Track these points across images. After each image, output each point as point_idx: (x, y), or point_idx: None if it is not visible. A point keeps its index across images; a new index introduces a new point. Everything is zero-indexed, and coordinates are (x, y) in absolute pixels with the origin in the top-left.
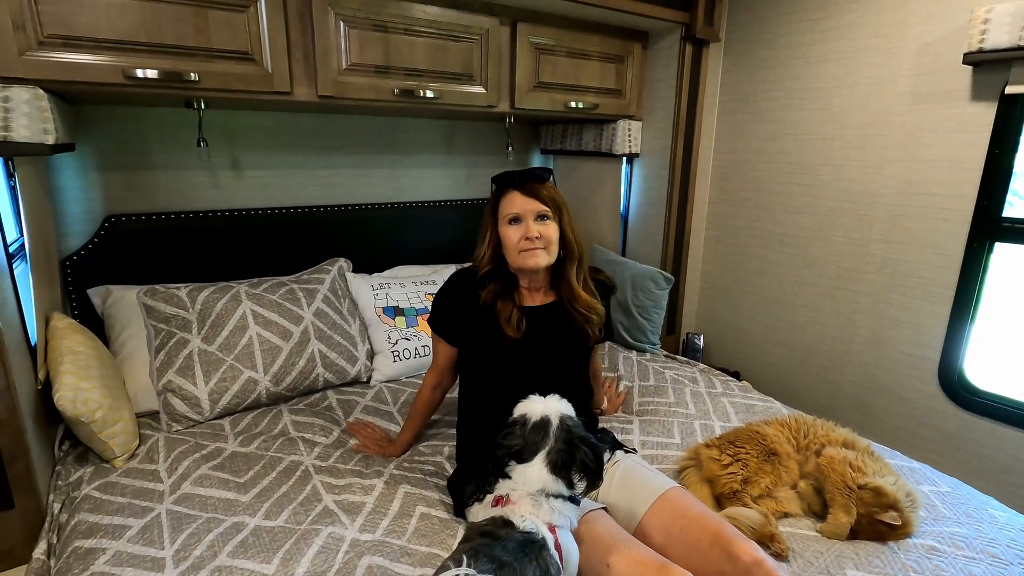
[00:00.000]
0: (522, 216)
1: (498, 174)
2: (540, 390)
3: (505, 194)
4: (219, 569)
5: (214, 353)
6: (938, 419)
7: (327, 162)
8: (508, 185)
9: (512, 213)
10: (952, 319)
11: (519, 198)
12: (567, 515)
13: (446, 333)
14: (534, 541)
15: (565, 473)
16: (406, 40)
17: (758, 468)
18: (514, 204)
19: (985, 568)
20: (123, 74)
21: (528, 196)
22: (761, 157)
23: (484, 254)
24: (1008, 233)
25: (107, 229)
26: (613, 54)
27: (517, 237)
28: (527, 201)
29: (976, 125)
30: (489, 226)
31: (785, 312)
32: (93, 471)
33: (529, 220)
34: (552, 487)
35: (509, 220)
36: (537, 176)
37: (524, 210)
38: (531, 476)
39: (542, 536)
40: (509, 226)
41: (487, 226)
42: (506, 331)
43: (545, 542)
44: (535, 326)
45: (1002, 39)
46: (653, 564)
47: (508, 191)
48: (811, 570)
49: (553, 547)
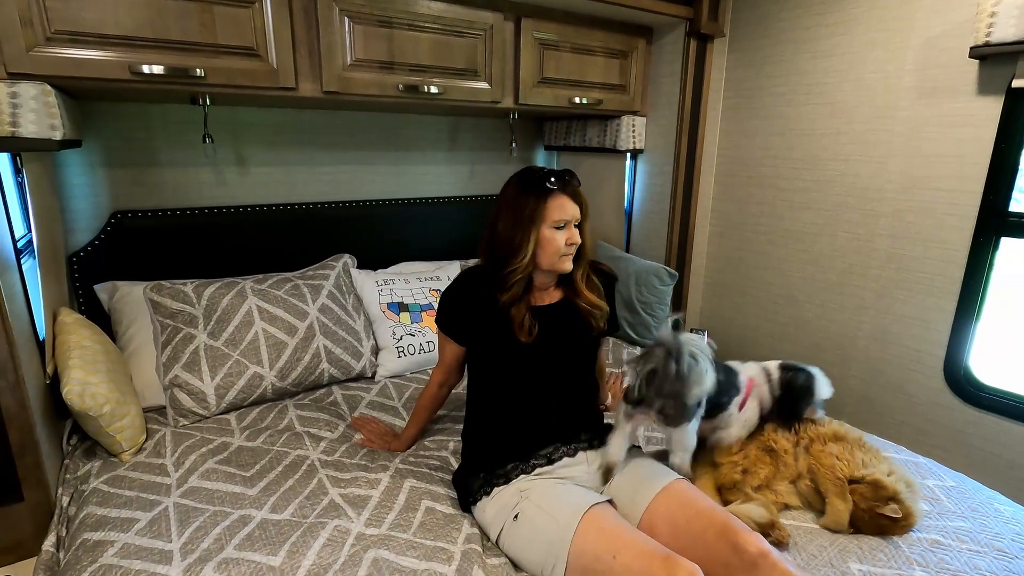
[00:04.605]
0: (568, 221)
1: (536, 175)
2: (551, 386)
3: (554, 197)
4: (226, 561)
5: (220, 348)
6: (943, 414)
7: (332, 158)
8: (557, 189)
9: (563, 219)
10: (958, 314)
11: (569, 204)
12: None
13: (456, 333)
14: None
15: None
16: (410, 36)
17: (757, 459)
18: (565, 209)
19: (990, 562)
20: (129, 70)
21: (575, 202)
22: (766, 153)
23: (525, 257)
24: (1014, 228)
25: (113, 225)
26: (617, 49)
27: (562, 241)
28: (574, 207)
29: (982, 119)
30: (530, 228)
31: (790, 308)
32: (101, 465)
33: (572, 225)
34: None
35: (556, 225)
36: (577, 179)
37: (572, 215)
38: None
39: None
40: (554, 230)
41: (524, 228)
42: (519, 336)
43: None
44: (546, 325)
45: (1009, 32)
46: (659, 556)
47: (556, 195)
48: (815, 563)
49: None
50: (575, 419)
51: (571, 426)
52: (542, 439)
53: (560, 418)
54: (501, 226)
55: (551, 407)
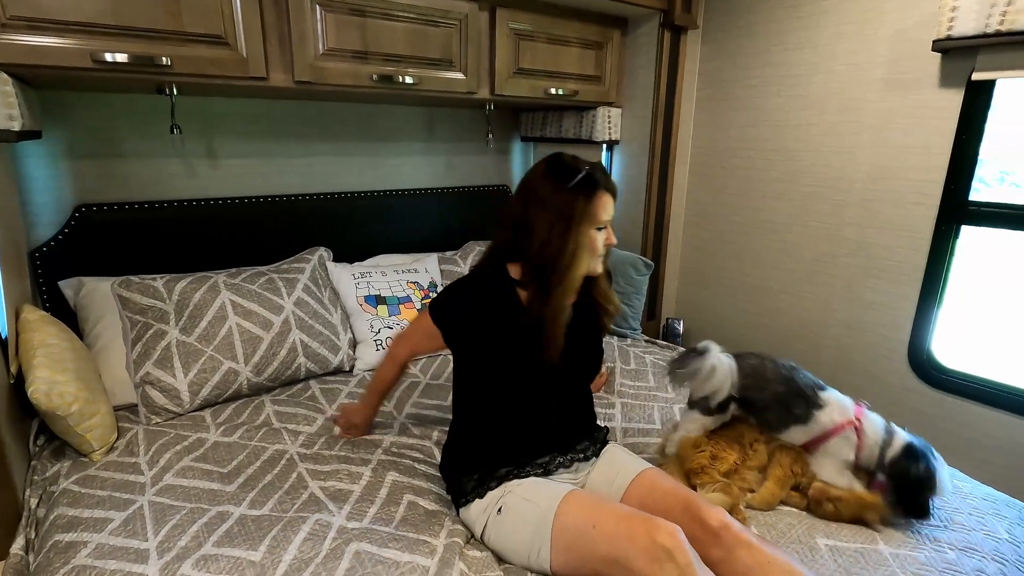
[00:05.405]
0: (608, 221)
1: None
2: (555, 392)
3: (599, 196)
4: (205, 558)
5: (193, 344)
6: (909, 397)
7: (306, 150)
8: (600, 187)
9: (605, 220)
10: (921, 300)
11: (611, 202)
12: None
13: (455, 336)
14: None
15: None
16: (384, 25)
17: (727, 445)
18: (607, 209)
19: (950, 535)
20: (91, 58)
21: (614, 200)
22: (740, 144)
23: (580, 266)
24: (974, 216)
25: (78, 219)
26: (592, 40)
27: (601, 243)
28: (613, 205)
29: (945, 112)
30: (579, 231)
31: (764, 297)
32: (71, 465)
33: (610, 224)
34: None
35: (600, 226)
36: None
37: (611, 215)
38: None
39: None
40: (596, 231)
41: (574, 230)
42: (549, 353)
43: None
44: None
45: (969, 26)
46: (639, 518)
47: (601, 193)
48: (785, 539)
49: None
50: (574, 424)
51: (570, 430)
52: (541, 445)
53: (560, 421)
54: (541, 228)
55: (551, 411)
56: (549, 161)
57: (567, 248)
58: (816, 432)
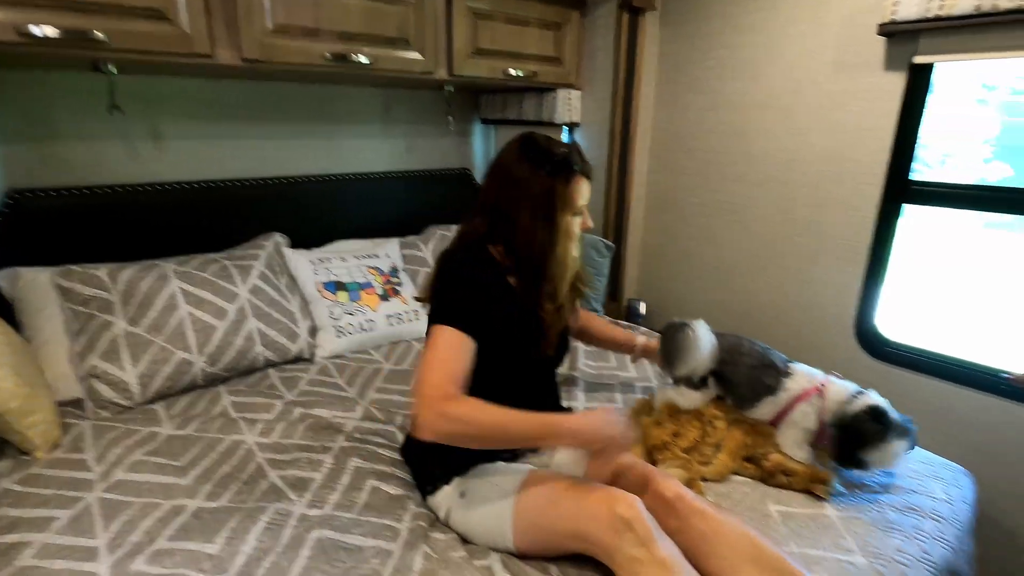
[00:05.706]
0: (584, 206)
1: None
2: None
3: (576, 181)
4: (159, 553)
5: (142, 335)
6: (856, 370)
7: (259, 132)
8: (579, 171)
9: (583, 205)
10: (867, 277)
11: (587, 187)
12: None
13: (481, 330)
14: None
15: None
16: (337, 1)
17: (687, 422)
18: (584, 194)
19: (892, 497)
20: (16, 31)
21: (590, 183)
22: (699, 127)
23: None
24: (915, 195)
25: (11, 206)
26: (551, 21)
27: (578, 229)
28: (589, 189)
29: (889, 94)
30: (560, 219)
31: (722, 277)
32: (12, 465)
33: (586, 208)
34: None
35: (577, 212)
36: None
37: (587, 199)
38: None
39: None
40: (573, 217)
41: (555, 220)
42: (544, 349)
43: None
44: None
45: (912, 11)
46: (598, 492)
47: (578, 178)
48: (739, 508)
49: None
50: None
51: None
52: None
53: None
54: (524, 218)
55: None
56: (523, 142)
57: (555, 241)
58: (784, 402)
